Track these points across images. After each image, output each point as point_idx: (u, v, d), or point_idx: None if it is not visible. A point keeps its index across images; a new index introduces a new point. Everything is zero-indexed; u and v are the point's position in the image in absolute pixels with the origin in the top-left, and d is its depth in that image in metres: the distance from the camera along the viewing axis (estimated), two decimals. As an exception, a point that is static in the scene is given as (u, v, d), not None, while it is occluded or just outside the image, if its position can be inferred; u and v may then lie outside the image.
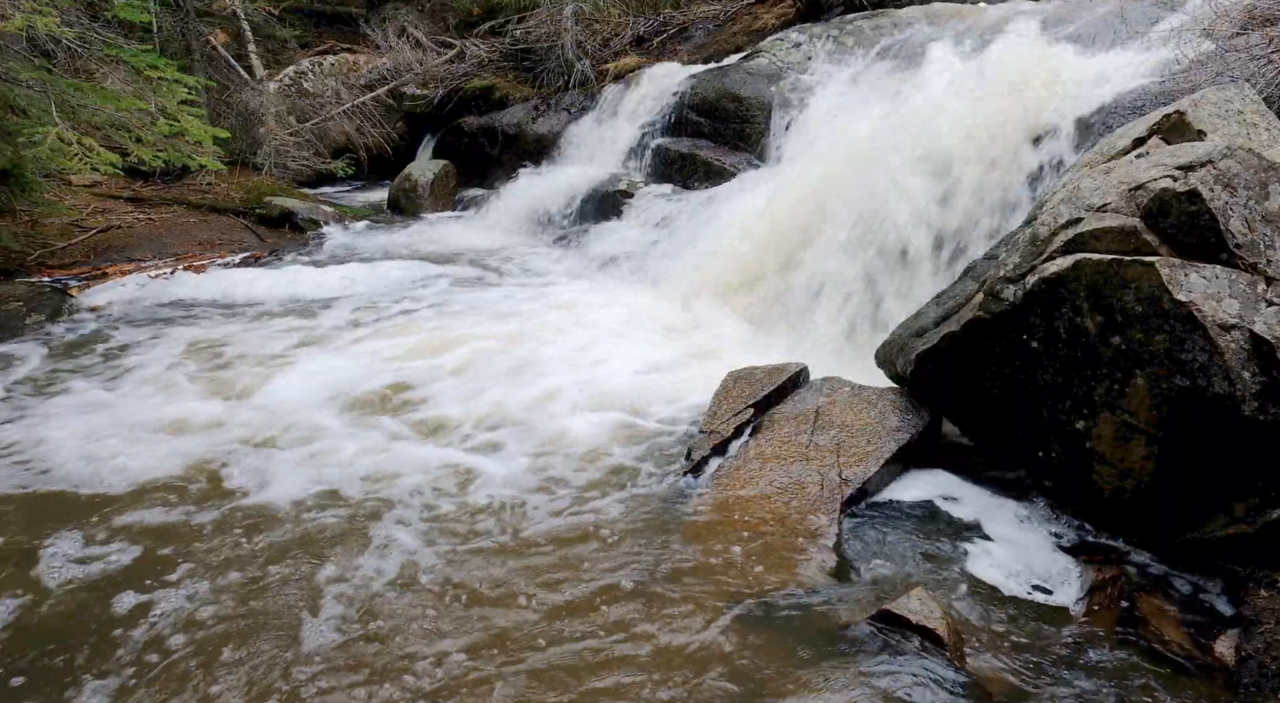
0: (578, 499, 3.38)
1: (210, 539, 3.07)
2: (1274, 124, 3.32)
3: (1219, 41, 4.56)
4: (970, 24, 6.90)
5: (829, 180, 5.55)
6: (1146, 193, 2.81)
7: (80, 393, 4.44)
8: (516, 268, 7.06)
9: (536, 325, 5.42)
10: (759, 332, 5.23)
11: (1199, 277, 2.64)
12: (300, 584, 2.80)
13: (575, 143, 8.98)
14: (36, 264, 6.53)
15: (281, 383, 4.46)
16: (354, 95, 10.46)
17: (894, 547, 3.02)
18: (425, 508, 3.31)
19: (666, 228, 6.93)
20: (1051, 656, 2.48)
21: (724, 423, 3.66)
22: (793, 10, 8.76)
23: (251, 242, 7.75)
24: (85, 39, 6.38)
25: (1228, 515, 2.67)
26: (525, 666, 2.43)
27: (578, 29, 9.42)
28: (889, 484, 3.38)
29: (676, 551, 3.00)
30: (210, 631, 2.58)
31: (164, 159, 6.48)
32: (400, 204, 9.46)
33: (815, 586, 2.79)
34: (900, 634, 2.49)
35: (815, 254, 5.26)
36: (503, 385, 4.45)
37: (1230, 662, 2.42)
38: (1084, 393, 2.90)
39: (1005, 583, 2.81)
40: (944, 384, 3.47)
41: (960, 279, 3.80)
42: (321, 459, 3.68)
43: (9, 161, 5.80)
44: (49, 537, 3.07)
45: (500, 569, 2.90)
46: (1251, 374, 2.53)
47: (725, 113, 7.67)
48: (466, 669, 2.41)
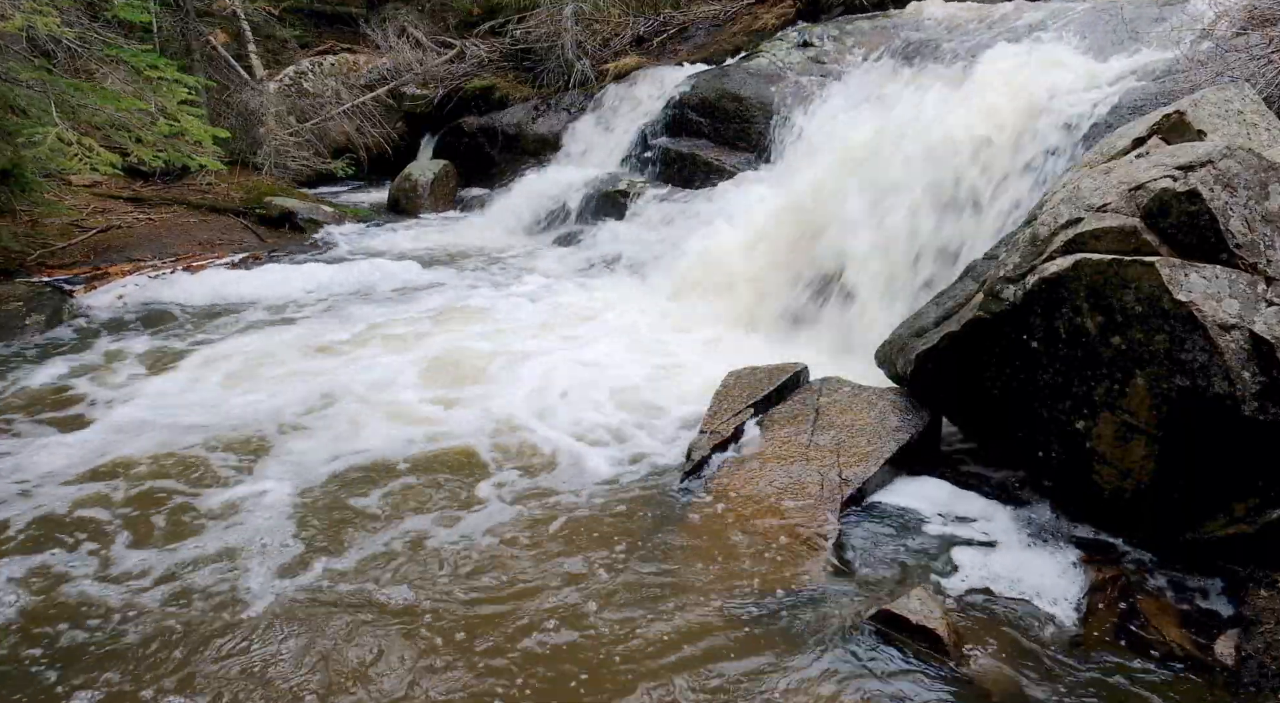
0: (576, 499, 3.38)
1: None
2: (1274, 124, 3.32)
3: (1219, 41, 4.56)
4: (972, 25, 6.90)
5: (829, 180, 5.56)
6: (1146, 193, 2.81)
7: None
8: (516, 268, 7.06)
9: (535, 325, 5.42)
10: (759, 331, 5.23)
11: (1199, 277, 2.64)
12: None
13: (575, 143, 8.98)
14: (36, 264, 6.52)
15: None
16: (354, 95, 10.45)
17: (894, 547, 3.02)
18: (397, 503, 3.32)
19: (666, 228, 6.93)
20: (1051, 656, 2.48)
21: (724, 423, 3.66)
22: (793, 10, 8.76)
23: (251, 242, 7.74)
24: (85, 39, 6.37)
25: (1228, 516, 2.67)
26: (524, 665, 2.44)
27: (578, 29, 9.42)
28: (889, 484, 3.38)
29: (676, 550, 3.00)
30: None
31: (164, 159, 6.47)
32: (400, 204, 9.46)
33: (815, 585, 2.79)
34: (900, 635, 2.49)
35: (816, 254, 5.27)
36: (500, 385, 4.45)
37: (1230, 662, 2.42)
38: (1084, 393, 2.90)
39: (1005, 583, 2.81)
40: (944, 384, 3.47)
41: (960, 279, 3.80)
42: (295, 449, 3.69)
43: (9, 161, 5.79)
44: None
45: (500, 568, 2.90)
46: (1251, 374, 2.53)
47: (725, 113, 7.67)
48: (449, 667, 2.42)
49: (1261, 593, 2.50)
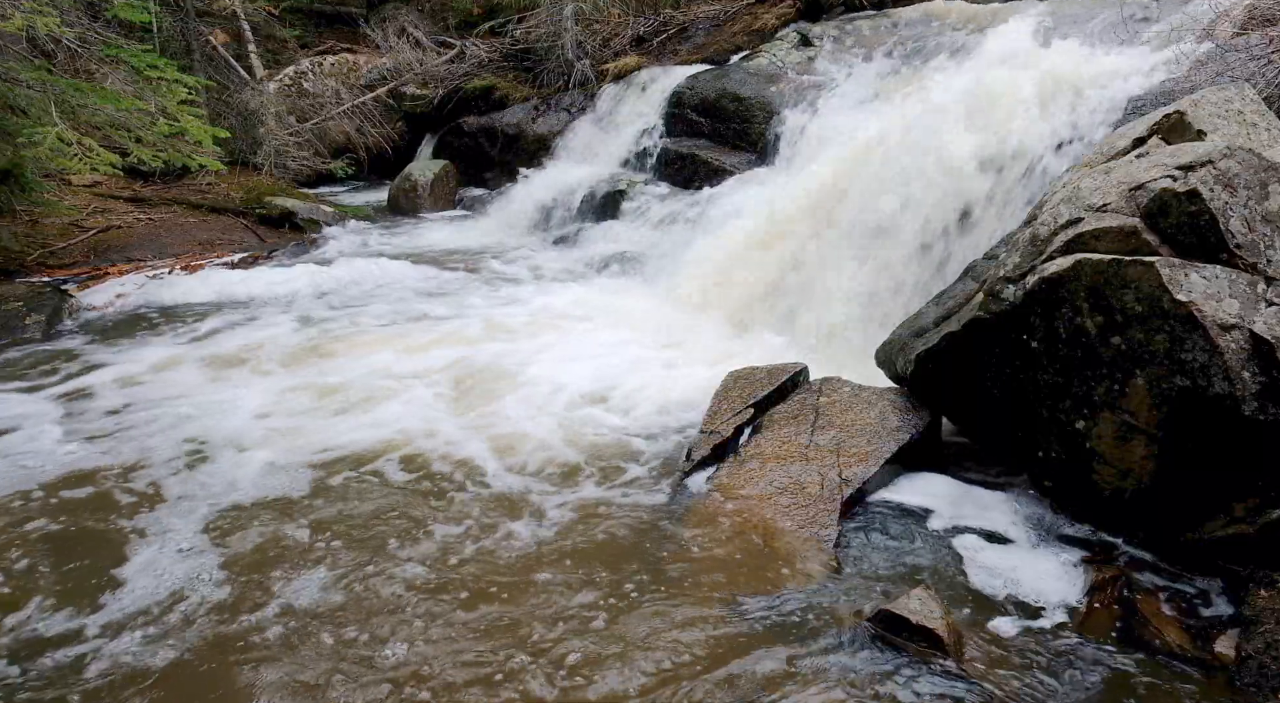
0: (576, 499, 3.38)
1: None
2: (1274, 124, 3.32)
3: (1219, 42, 4.56)
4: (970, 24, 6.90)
5: (830, 180, 5.56)
6: (1146, 193, 2.81)
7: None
8: (516, 268, 7.06)
9: (534, 326, 5.43)
10: (759, 331, 5.22)
11: (1199, 277, 2.64)
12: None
13: (575, 143, 8.98)
14: (36, 264, 6.53)
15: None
16: (354, 95, 10.47)
17: (893, 547, 3.02)
18: (421, 500, 3.32)
19: (666, 228, 6.93)
20: (1051, 656, 2.48)
21: (724, 423, 3.66)
22: (792, 10, 8.76)
23: (251, 242, 7.74)
24: (85, 39, 6.38)
25: (1228, 515, 2.67)
26: (524, 664, 2.44)
27: (578, 29, 9.43)
28: (889, 484, 3.38)
29: (675, 550, 3.00)
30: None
31: (164, 159, 6.48)
32: (400, 204, 9.46)
33: (815, 585, 2.79)
34: (900, 635, 2.49)
35: (816, 254, 5.27)
36: (498, 385, 4.45)
37: (1230, 662, 2.42)
38: (1084, 393, 2.90)
39: (1005, 583, 2.81)
40: (944, 384, 3.47)
41: (960, 279, 3.80)
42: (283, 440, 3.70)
43: (9, 161, 5.80)
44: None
45: (495, 570, 2.90)
46: (1251, 374, 2.53)
47: (725, 113, 7.67)
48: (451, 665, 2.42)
49: (1261, 593, 2.50)
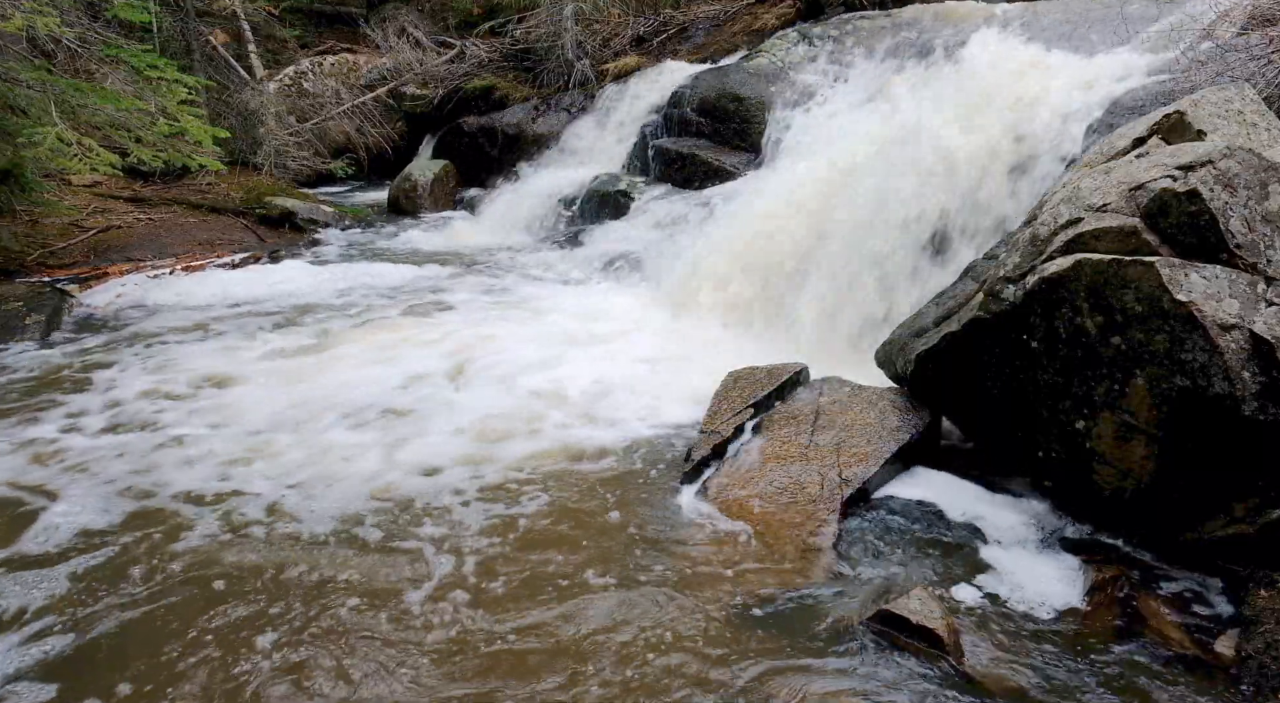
0: (576, 499, 3.38)
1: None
2: (1274, 124, 3.31)
3: (1219, 42, 4.56)
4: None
5: (829, 180, 5.56)
6: (1146, 193, 2.81)
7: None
8: (515, 268, 7.06)
9: (534, 326, 5.42)
10: (759, 332, 5.23)
11: (1199, 277, 2.64)
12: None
13: (575, 143, 8.99)
14: (36, 264, 6.53)
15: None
16: (354, 95, 10.48)
17: (893, 547, 3.02)
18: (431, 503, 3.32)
19: (666, 228, 6.93)
20: (1051, 656, 2.48)
21: (724, 423, 3.66)
22: (793, 10, 8.76)
23: (251, 242, 7.74)
24: (85, 39, 6.38)
25: (1228, 515, 2.67)
26: (520, 661, 2.44)
27: (578, 29, 9.43)
28: (889, 484, 3.38)
29: (675, 550, 3.00)
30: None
31: (164, 159, 6.48)
32: (400, 204, 9.47)
33: (814, 585, 2.79)
34: (900, 635, 2.49)
35: (817, 254, 5.26)
36: (497, 385, 4.45)
37: (1230, 662, 2.42)
38: (1084, 393, 2.90)
39: (1005, 583, 2.81)
40: (944, 384, 3.47)
41: (960, 279, 3.80)
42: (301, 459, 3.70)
43: (9, 161, 5.80)
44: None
45: (490, 572, 2.90)
46: (1251, 374, 2.53)
47: (725, 113, 7.67)
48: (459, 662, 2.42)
49: (1261, 593, 2.50)
